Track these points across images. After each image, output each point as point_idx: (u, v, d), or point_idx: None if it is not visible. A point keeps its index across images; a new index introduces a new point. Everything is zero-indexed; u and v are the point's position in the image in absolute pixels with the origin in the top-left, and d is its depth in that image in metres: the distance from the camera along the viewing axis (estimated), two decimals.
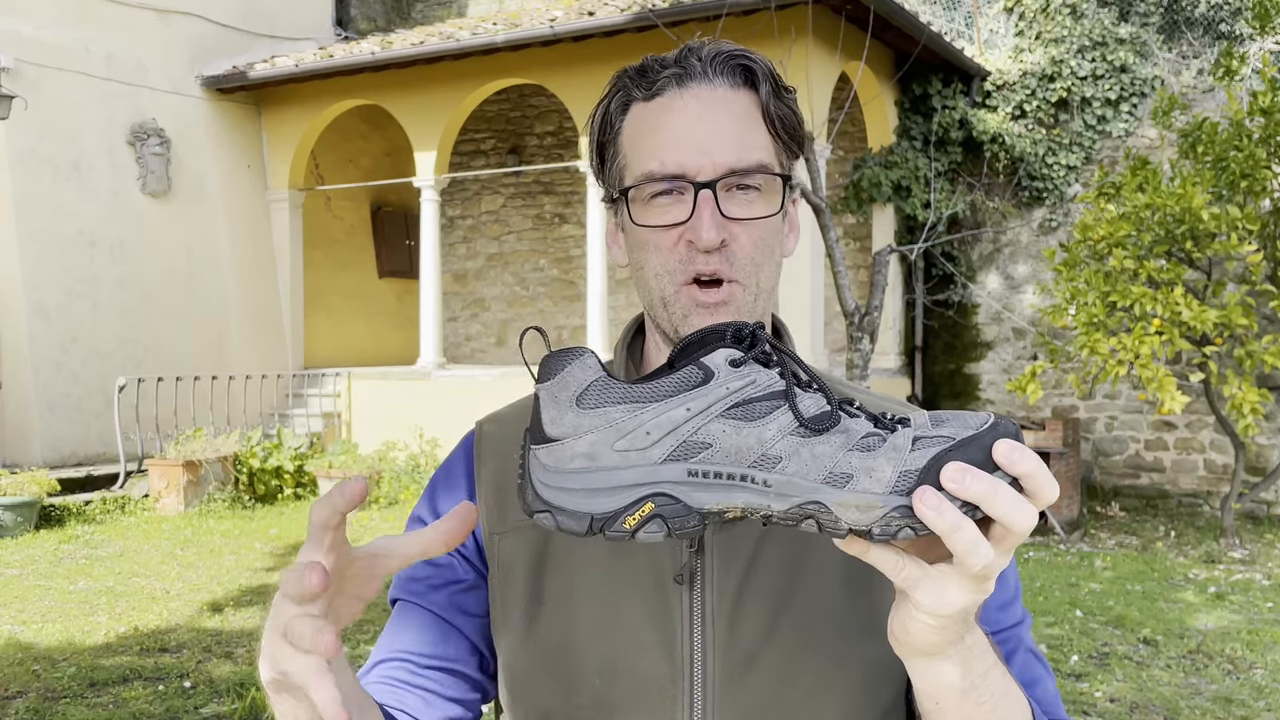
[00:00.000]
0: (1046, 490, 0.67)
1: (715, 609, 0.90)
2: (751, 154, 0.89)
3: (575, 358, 0.69)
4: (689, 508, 0.67)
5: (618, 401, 0.67)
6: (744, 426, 0.67)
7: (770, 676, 0.89)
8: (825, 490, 0.66)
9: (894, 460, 0.66)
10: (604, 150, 0.95)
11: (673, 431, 0.67)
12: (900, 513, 0.66)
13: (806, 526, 0.67)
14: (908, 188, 9.61)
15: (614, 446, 0.67)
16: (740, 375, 0.68)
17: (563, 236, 12.29)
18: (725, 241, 0.89)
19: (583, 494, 0.67)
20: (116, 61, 9.87)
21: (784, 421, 0.67)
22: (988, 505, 0.65)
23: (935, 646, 0.73)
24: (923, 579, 0.69)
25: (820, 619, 0.90)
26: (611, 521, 0.67)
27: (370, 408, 10.22)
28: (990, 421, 0.68)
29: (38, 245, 9.19)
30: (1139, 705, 4.31)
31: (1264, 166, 6.85)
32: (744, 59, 0.91)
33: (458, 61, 9.81)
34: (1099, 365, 6.81)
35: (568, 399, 0.68)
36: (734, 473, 0.67)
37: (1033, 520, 0.66)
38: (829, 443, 0.67)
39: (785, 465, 0.67)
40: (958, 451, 0.66)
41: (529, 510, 0.69)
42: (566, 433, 0.67)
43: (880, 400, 1.02)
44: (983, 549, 0.66)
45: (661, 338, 0.97)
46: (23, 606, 5.72)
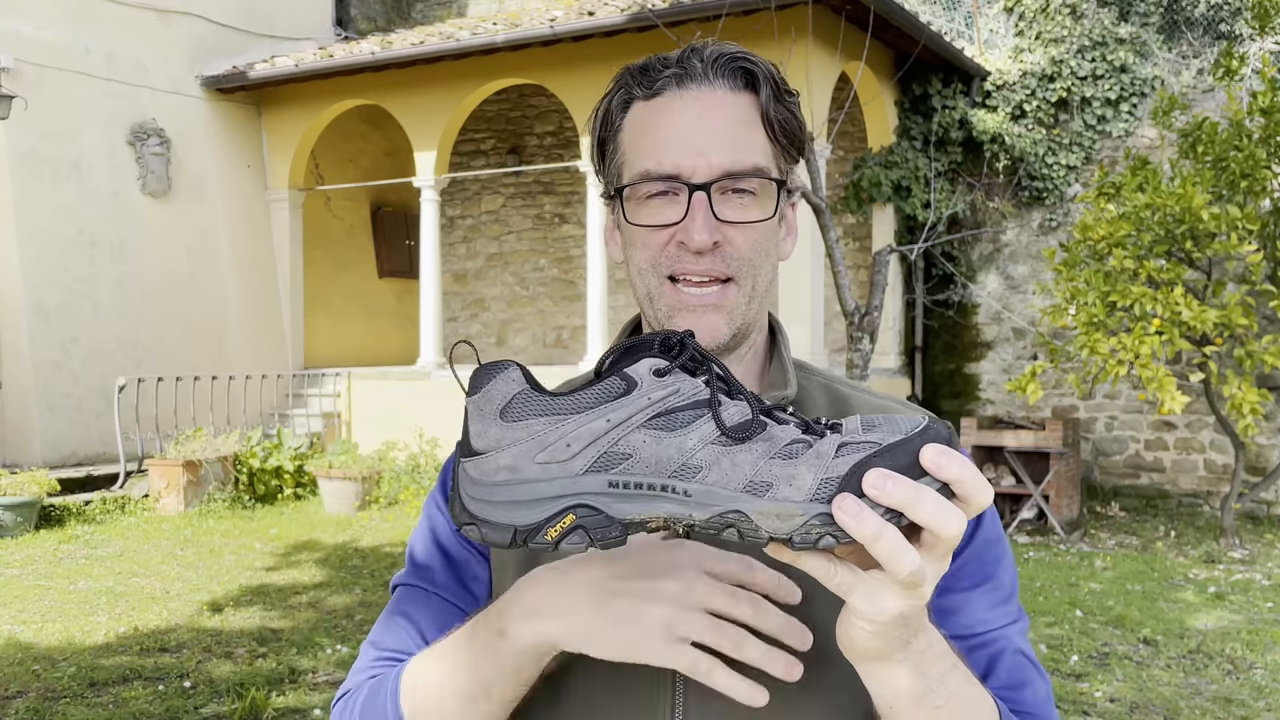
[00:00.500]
0: (978, 495, 0.66)
1: None
2: (748, 157, 0.89)
3: (500, 371, 0.69)
4: (611, 518, 0.67)
5: (540, 414, 0.68)
6: (665, 436, 0.67)
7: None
8: (745, 499, 0.66)
9: (815, 468, 0.66)
10: (604, 146, 0.95)
11: (593, 443, 0.67)
12: (821, 520, 0.65)
13: (728, 535, 0.67)
14: (908, 188, 9.61)
15: (535, 459, 0.67)
16: (663, 385, 0.68)
17: (563, 236, 12.29)
18: (719, 243, 0.89)
19: (506, 506, 0.68)
20: (116, 61, 9.87)
21: (705, 431, 0.67)
22: (911, 512, 0.64)
23: (880, 651, 0.72)
24: (856, 585, 0.68)
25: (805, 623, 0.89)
26: (534, 533, 0.67)
27: (370, 408, 10.22)
28: (921, 425, 0.67)
29: (38, 245, 9.19)
30: (1139, 705, 4.31)
31: (1264, 166, 6.85)
32: (746, 61, 0.90)
33: (458, 61, 9.81)
34: (1099, 365, 6.81)
35: (492, 412, 0.68)
36: (655, 483, 0.67)
37: (961, 526, 0.65)
38: (750, 451, 0.67)
39: (706, 474, 0.67)
40: (882, 457, 0.66)
41: (457, 523, 0.70)
42: (490, 445, 0.68)
43: (880, 400, 1.02)
44: (908, 556, 0.65)
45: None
46: (23, 606, 5.72)
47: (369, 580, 6.32)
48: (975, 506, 0.67)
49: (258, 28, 11.14)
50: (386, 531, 7.92)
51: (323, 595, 5.99)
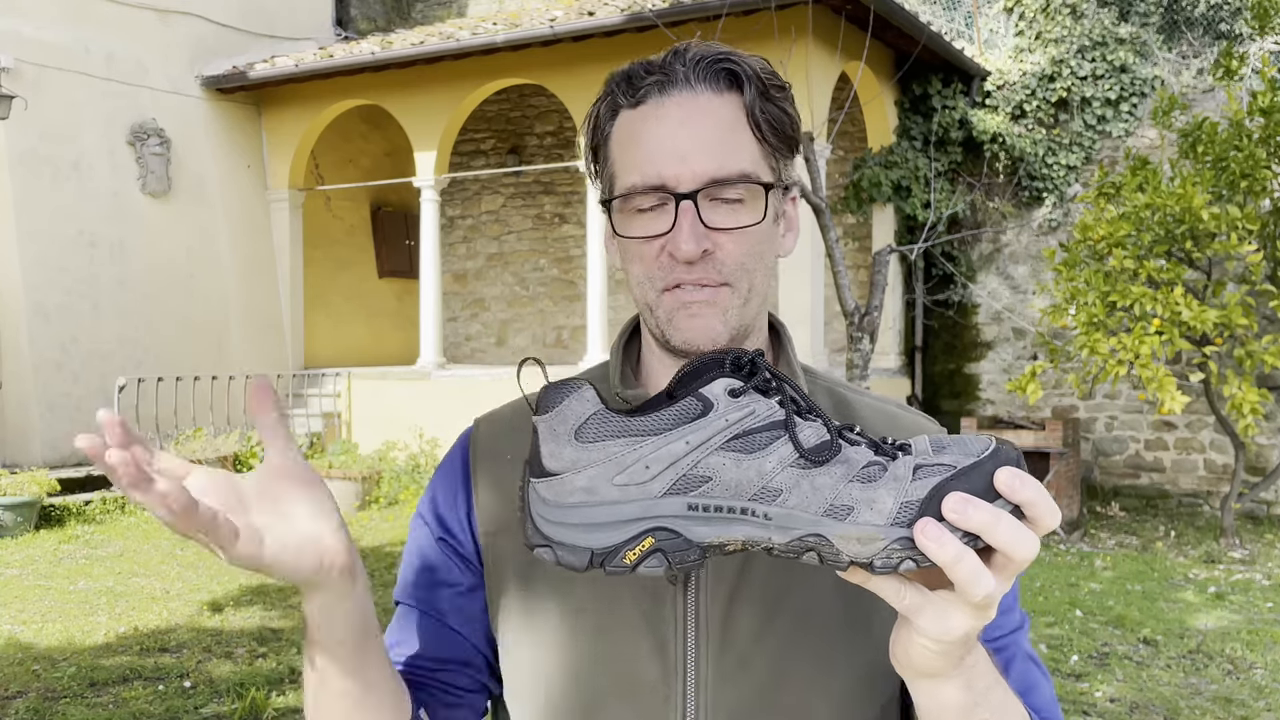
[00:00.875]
0: (1048, 517, 0.67)
1: (708, 611, 0.90)
2: (733, 161, 0.88)
3: (573, 390, 0.68)
4: (689, 541, 0.67)
5: (616, 435, 0.67)
6: (744, 459, 0.67)
7: (762, 679, 0.89)
8: (826, 523, 0.66)
9: (895, 491, 0.66)
10: (597, 154, 0.95)
11: (672, 465, 0.66)
12: (902, 544, 0.65)
13: (808, 559, 0.67)
14: (908, 188, 9.61)
15: (613, 481, 0.67)
16: (739, 406, 0.68)
17: (563, 236, 12.29)
18: (709, 251, 0.88)
19: (582, 529, 0.67)
20: (116, 61, 9.87)
21: (784, 453, 0.67)
22: (989, 536, 0.65)
23: (938, 669, 0.73)
24: (925, 606, 0.69)
25: (812, 622, 0.90)
26: (612, 556, 0.67)
27: (370, 408, 10.22)
28: (991, 448, 0.67)
29: (38, 245, 9.19)
30: (1139, 705, 4.31)
31: (1264, 166, 6.85)
32: (728, 62, 0.89)
33: (458, 61, 9.81)
34: (1099, 365, 6.81)
35: (566, 433, 0.67)
36: (734, 506, 0.67)
37: (1034, 549, 0.66)
38: (829, 474, 0.67)
39: (786, 498, 0.66)
40: (959, 480, 0.66)
41: (529, 544, 0.69)
42: (565, 467, 0.67)
43: (883, 405, 1.02)
44: (984, 579, 0.66)
45: (654, 341, 0.96)
46: (23, 606, 5.72)
47: (369, 580, 6.32)
48: (1044, 528, 0.67)
49: (258, 28, 11.14)
50: (387, 531, 7.92)
51: None
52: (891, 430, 0.99)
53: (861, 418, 1.00)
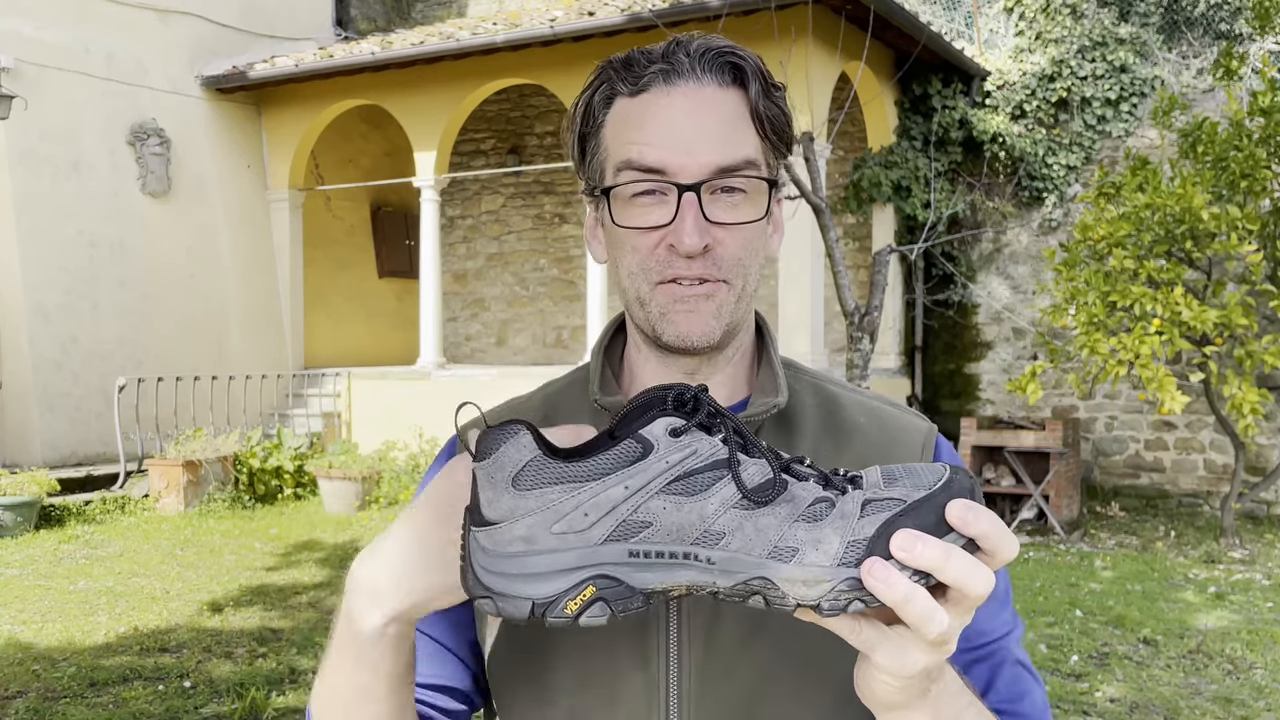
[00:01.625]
0: (1004, 550, 0.65)
1: (692, 620, 0.89)
2: (738, 155, 0.87)
3: (509, 437, 0.66)
4: (632, 589, 0.65)
5: (554, 482, 0.65)
6: (685, 502, 0.65)
7: (745, 689, 0.88)
8: (771, 565, 0.64)
9: (841, 530, 0.64)
10: (585, 142, 0.93)
11: (611, 511, 0.65)
12: (849, 585, 0.64)
13: (754, 602, 0.65)
14: (908, 188, 9.61)
15: (552, 529, 0.65)
16: (681, 446, 0.66)
17: (563, 236, 12.29)
18: (709, 245, 0.86)
19: (522, 579, 0.65)
20: (116, 61, 9.87)
21: (726, 494, 0.65)
22: (940, 573, 0.63)
23: (901, 702, 0.71)
24: (881, 643, 0.67)
25: (796, 633, 0.88)
26: (553, 606, 0.65)
27: (370, 408, 10.22)
28: (944, 479, 0.66)
29: (38, 245, 9.19)
30: (1139, 705, 4.31)
31: (1264, 166, 6.85)
32: (733, 56, 0.88)
33: (458, 61, 9.81)
34: (1099, 365, 6.81)
35: (504, 480, 0.66)
36: (676, 551, 0.65)
37: (989, 584, 0.65)
38: (774, 514, 0.65)
39: (729, 541, 0.65)
40: (908, 516, 0.64)
41: (471, 595, 0.67)
42: (504, 515, 0.65)
43: (870, 401, 1.01)
44: (937, 617, 0.64)
45: (641, 337, 0.95)
46: (23, 606, 5.72)
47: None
48: (1000, 560, 0.66)
49: (258, 28, 11.14)
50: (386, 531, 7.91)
51: (323, 595, 5.99)
52: (878, 430, 0.97)
53: (848, 415, 0.98)
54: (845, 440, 0.95)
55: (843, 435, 0.96)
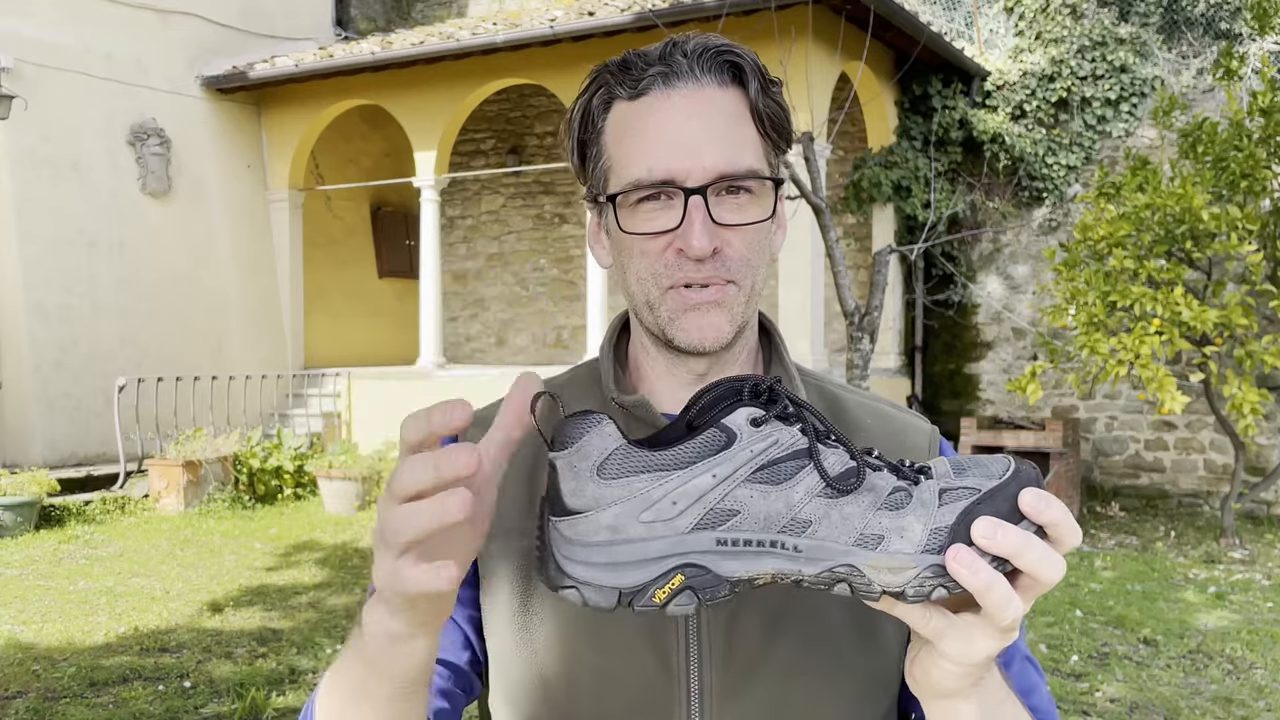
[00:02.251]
0: (1070, 538, 0.66)
1: (712, 620, 0.88)
2: (743, 157, 0.86)
3: (593, 425, 0.66)
4: (719, 577, 0.65)
5: (640, 470, 0.65)
6: (771, 490, 0.65)
7: (766, 689, 0.88)
8: (857, 553, 0.65)
9: (923, 517, 0.65)
10: (585, 148, 0.92)
11: (699, 500, 0.65)
12: (933, 572, 0.65)
13: (839, 590, 0.66)
14: (908, 188, 9.61)
15: (639, 518, 0.65)
16: (763, 436, 0.66)
17: (563, 236, 12.29)
18: (718, 248, 0.86)
19: (609, 568, 0.65)
20: (116, 61, 9.87)
21: (810, 483, 0.66)
22: (1020, 559, 0.65)
23: (957, 690, 0.72)
24: (949, 630, 0.68)
25: (816, 632, 0.88)
26: (640, 595, 0.65)
27: (370, 408, 10.22)
28: (1012, 469, 0.67)
29: (38, 245, 9.19)
30: (1139, 705, 4.31)
31: (1264, 166, 6.85)
32: (730, 54, 0.88)
33: (458, 61, 9.81)
34: (1099, 365, 6.81)
35: (588, 469, 0.65)
36: (763, 539, 0.65)
37: (1061, 571, 0.66)
38: (857, 503, 0.66)
39: (815, 529, 0.65)
40: (985, 504, 0.65)
41: (553, 586, 0.67)
42: (589, 505, 0.65)
43: (873, 403, 1.01)
44: (1014, 604, 0.65)
45: (649, 339, 0.95)
46: (23, 606, 5.72)
47: (369, 580, 6.31)
48: (1067, 547, 0.67)
49: (258, 28, 11.14)
50: None
51: (323, 595, 5.99)
52: (883, 431, 0.98)
53: (854, 416, 0.98)
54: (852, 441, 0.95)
55: (849, 436, 0.96)
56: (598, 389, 0.98)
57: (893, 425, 0.98)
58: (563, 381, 1.03)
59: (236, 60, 10.69)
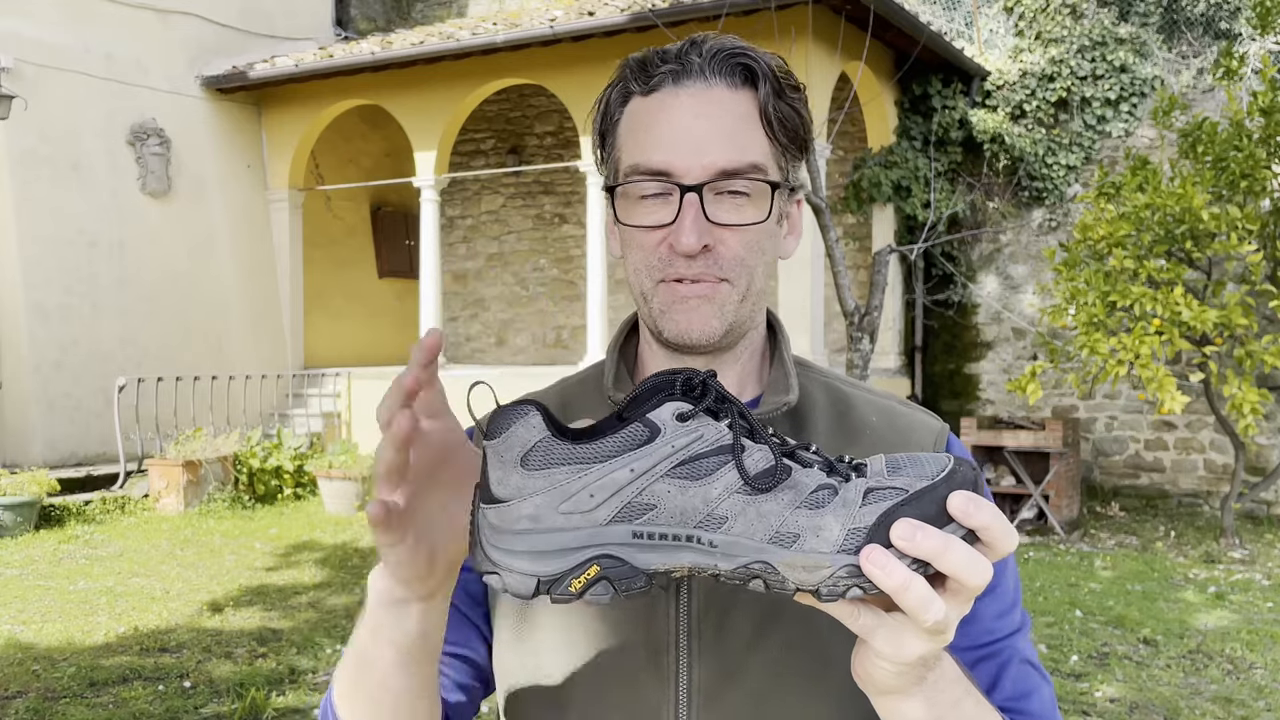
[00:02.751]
0: (1003, 542, 0.66)
1: (703, 617, 0.89)
2: (743, 157, 0.87)
3: (520, 416, 0.67)
4: (635, 569, 0.66)
5: (562, 462, 0.66)
6: (689, 486, 0.66)
7: (756, 686, 0.89)
8: (771, 550, 0.65)
9: (842, 517, 0.65)
10: (604, 139, 0.94)
11: (617, 493, 0.66)
12: (848, 572, 0.65)
13: (754, 585, 0.66)
14: (908, 188, 9.61)
15: (559, 509, 0.66)
16: (687, 431, 0.67)
17: (563, 236, 12.29)
18: (709, 245, 0.87)
19: (528, 556, 0.66)
20: (116, 61, 9.87)
21: (730, 479, 0.66)
22: (939, 562, 0.64)
23: (897, 687, 0.72)
24: (879, 628, 0.68)
25: (806, 629, 0.89)
26: (557, 584, 0.66)
27: (370, 408, 10.21)
28: (947, 470, 0.67)
29: (38, 245, 9.19)
30: (1139, 705, 4.31)
31: (1264, 166, 6.85)
32: (745, 57, 0.88)
33: (458, 61, 9.81)
34: (1099, 365, 6.81)
35: (513, 459, 0.67)
36: (679, 533, 0.66)
37: (987, 575, 0.65)
38: (776, 500, 0.66)
39: (731, 525, 0.66)
40: (910, 506, 0.65)
41: (479, 570, 0.68)
42: (512, 494, 0.67)
43: (881, 399, 1.01)
44: (934, 605, 0.64)
45: (650, 334, 0.96)
46: (23, 606, 5.72)
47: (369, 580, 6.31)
48: (1000, 553, 0.66)
49: (258, 28, 11.14)
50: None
51: (323, 595, 5.99)
52: (889, 428, 0.98)
53: (860, 415, 0.98)
54: (856, 438, 0.96)
55: (854, 433, 0.97)
56: (599, 387, 1.00)
57: (899, 423, 0.99)
58: (577, 380, 1.05)
59: (236, 60, 10.69)
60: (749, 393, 0.98)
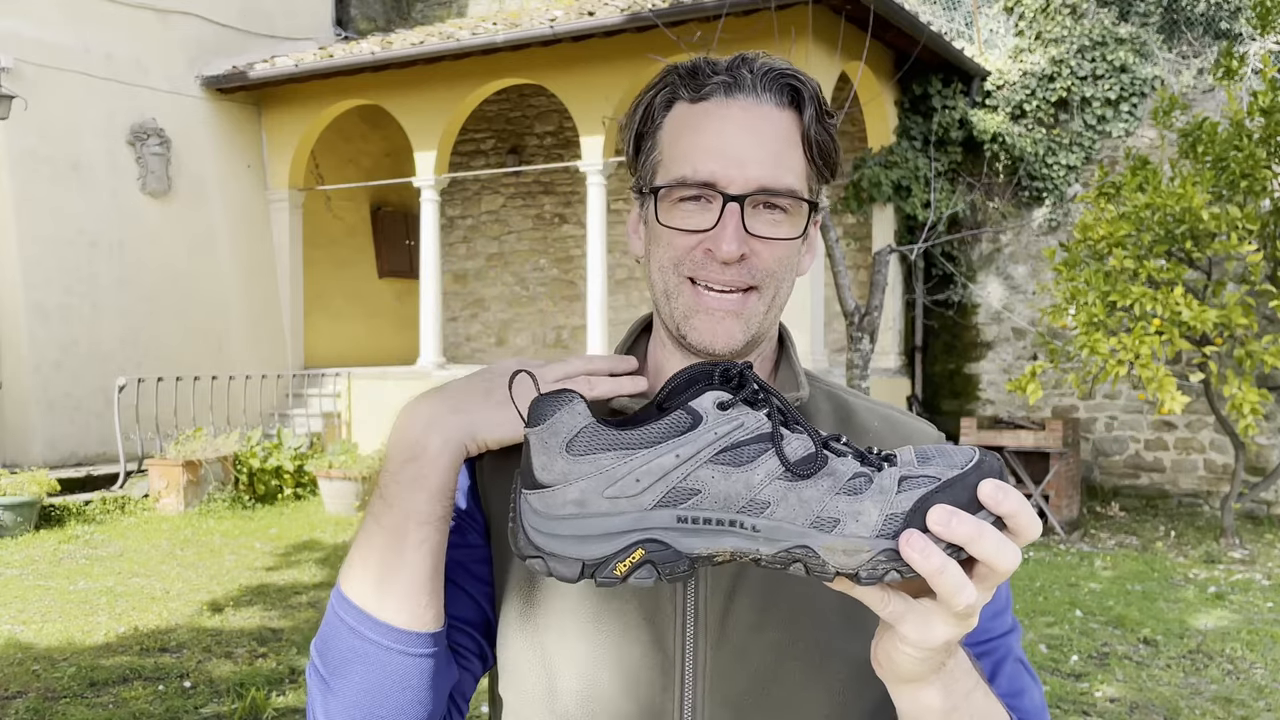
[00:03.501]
0: (1029, 529, 0.68)
1: (708, 602, 0.91)
2: (785, 175, 0.90)
3: (565, 403, 0.69)
4: (679, 553, 0.68)
5: (607, 448, 0.68)
6: (732, 472, 0.68)
7: (760, 670, 0.90)
8: (813, 535, 0.67)
9: (880, 503, 0.67)
10: (641, 140, 0.96)
11: (662, 478, 0.67)
12: (886, 556, 0.67)
13: (795, 570, 0.68)
14: (908, 188, 9.61)
15: (604, 494, 0.67)
16: (728, 419, 0.68)
17: (563, 236, 12.29)
18: (745, 255, 0.90)
19: (574, 540, 0.68)
20: (116, 61, 9.87)
21: (771, 466, 0.68)
22: (973, 548, 0.66)
23: (919, 674, 0.74)
24: (908, 614, 0.70)
25: (809, 616, 0.91)
26: (603, 567, 0.68)
27: (370, 408, 10.22)
28: (974, 460, 0.69)
29: (38, 245, 9.19)
30: (1139, 705, 4.31)
31: (1264, 166, 6.85)
32: (794, 80, 0.92)
33: (458, 61, 9.81)
34: (1099, 365, 6.81)
35: (558, 445, 0.68)
36: (723, 518, 0.68)
37: (1016, 560, 0.67)
38: (816, 486, 0.68)
39: (773, 510, 0.67)
40: (943, 493, 0.67)
41: (521, 555, 0.70)
42: (557, 479, 0.68)
43: (882, 409, 1.04)
44: (967, 590, 0.67)
45: (667, 335, 0.97)
46: (23, 606, 5.72)
47: None
48: (1025, 540, 0.69)
49: (258, 28, 11.14)
50: None
51: (323, 595, 5.99)
52: (890, 433, 1.01)
53: (862, 421, 1.01)
54: (860, 442, 0.97)
55: (857, 438, 0.99)
56: None
57: (900, 429, 1.02)
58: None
59: (236, 60, 10.69)
60: None
